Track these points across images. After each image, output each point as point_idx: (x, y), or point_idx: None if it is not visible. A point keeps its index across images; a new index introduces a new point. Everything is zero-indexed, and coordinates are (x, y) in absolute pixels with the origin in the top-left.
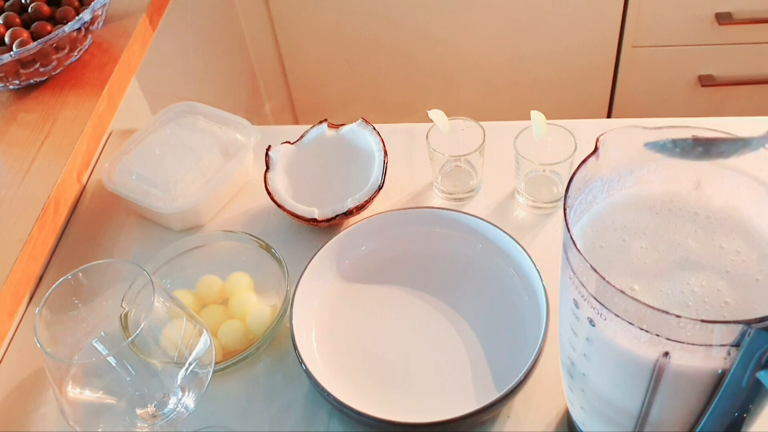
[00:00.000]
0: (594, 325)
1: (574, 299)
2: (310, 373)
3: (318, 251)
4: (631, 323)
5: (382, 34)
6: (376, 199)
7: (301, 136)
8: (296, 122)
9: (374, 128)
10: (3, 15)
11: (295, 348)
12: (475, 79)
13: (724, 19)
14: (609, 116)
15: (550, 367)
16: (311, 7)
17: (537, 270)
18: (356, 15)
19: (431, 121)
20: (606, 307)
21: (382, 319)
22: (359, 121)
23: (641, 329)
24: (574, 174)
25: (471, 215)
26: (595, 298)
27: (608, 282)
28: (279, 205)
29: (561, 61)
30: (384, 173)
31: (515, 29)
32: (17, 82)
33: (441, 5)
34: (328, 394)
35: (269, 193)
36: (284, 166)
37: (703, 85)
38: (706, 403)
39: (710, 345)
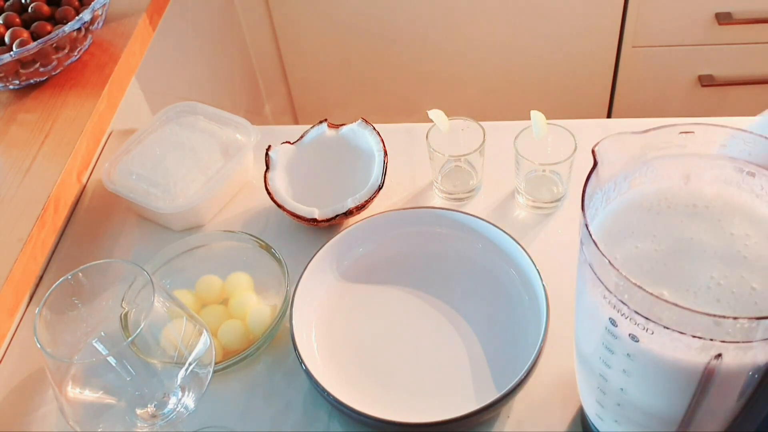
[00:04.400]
0: (637, 341)
1: (611, 318)
2: (310, 373)
3: (318, 251)
4: (682, 333)
5: (382, 35)
6: (376, 199)
7: (301, 136)
8: (296, 122)
9: (374, 128)
10: (3, 15)
11: (295, 348)
12: (475, 79)
13: (724, 19)
14: (609, 116)
15: (550, 367)
16: (311, 8)
17: (537, 270)
18: (356, 15)
19: (431, 121)
20: (653, 321)
21: (382, 318)
22: (359, 121)
23: (694, 336)
24: (584, 193)
25: (471, 215)
26: (639, 314)
27: (660, 298)
28: (279, 205)
29: (561, 61)
30: (384, 173)
31: (515, 29)
32: (17, 82)
33: (441, 5)
34: (328, 394)
35: (269, 193)
36: (284, 166)
37: (703, 85)
38: (749, 397)
39: (763, 339)
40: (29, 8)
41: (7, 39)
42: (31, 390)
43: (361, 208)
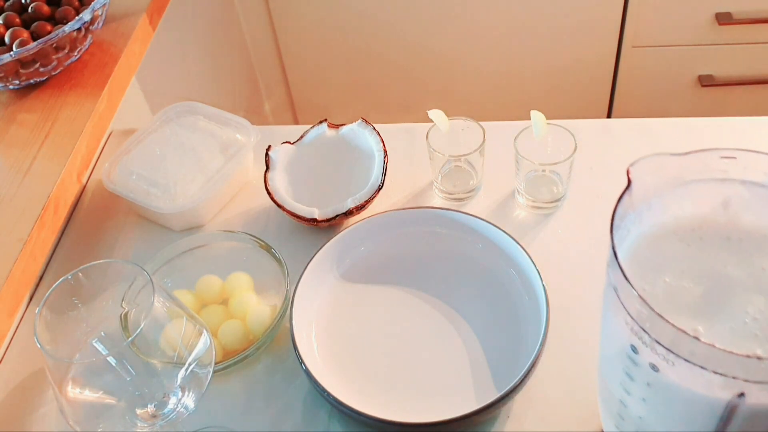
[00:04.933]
0: (657, 371)
1: (632, 345)
2: (310, 373)
3: (318, 251)
4: (704, 368)
5: (382, 34)
6: (376, 199)
7: (301, 136)
8: (296, 122)
9: (374, 128)
10: (3, 15)
11: (295, 348)
12: (475, 79)
13: (724, 19)
14: (609, 116)
15: (551, 367)
16: (311, 8)
17: (537, 270)
18: (356, 15)
19: (431, 121)
20: (674, 353)
21: (382, 319)
22: (359, 121)
23: (716, 373)
24: (614, 215)
25: (471, 215)
26: (660, 344)
27: (680, 329)
28: (279, 205)
29: (561, 61)
30: (384, 173)
31: (515, 29)
32: (17, 82)
33: (441, 5)
34: (328, 394)
35: (269, 193)
36: (284, 166)
37: (703, 85)
38: None
39: None
40: (29, 8)
41: (7, 39)
42: (31, 390)
43: (361, 208)
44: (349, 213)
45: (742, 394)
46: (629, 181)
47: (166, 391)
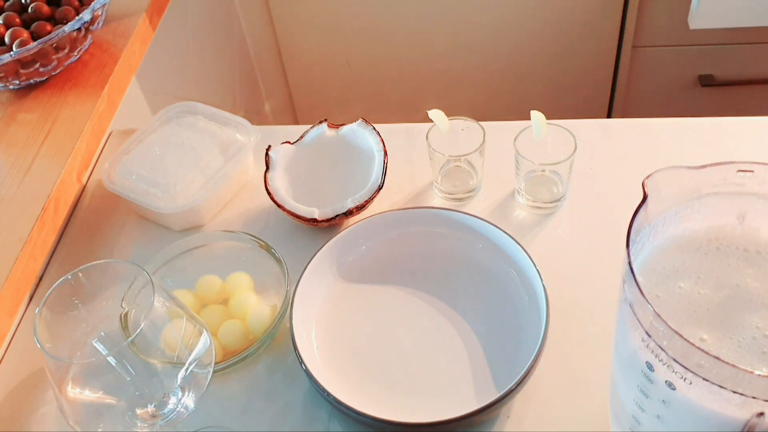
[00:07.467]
0: (674, 389)
1: (647, 362)
2: (310, 373)
3: (318, 251)
4: (722, 387)
5: (382, 34)
6: (376, 199)
7: (301, 136)
8: (296, 122)
9: (374, 128)
10: (3, 15)
11: (295, 348)
12: (475, 79)
13: None
14: (609, 116)
15: (551, 367)
16: (311, 8)
17: (537, 270)
18: (356, 15)
19: (431, 121)
20: (692, 371)
21: (382, 319)
22: (359, 121)
23: (735, 392)
24: (630, 229)
25: (471, 215)
26: (678, 363)
27: (701, 349)
28: (279, 205)
29: (561, 61)
30: (384, 173)
31: (515, 29)
32: (17, 82)
33: (441, 6)
34: (328, 394)
35: (269, 193)
36: (284, 166)
37: (703, 85)
38: None
39: None
40: (29, 8)
41: (7, 39)
42: (31, 390)
43: (361, 208)
44: (349, 213)
45: (761, 414)
46: (645, 195)
47: (166, 391)
